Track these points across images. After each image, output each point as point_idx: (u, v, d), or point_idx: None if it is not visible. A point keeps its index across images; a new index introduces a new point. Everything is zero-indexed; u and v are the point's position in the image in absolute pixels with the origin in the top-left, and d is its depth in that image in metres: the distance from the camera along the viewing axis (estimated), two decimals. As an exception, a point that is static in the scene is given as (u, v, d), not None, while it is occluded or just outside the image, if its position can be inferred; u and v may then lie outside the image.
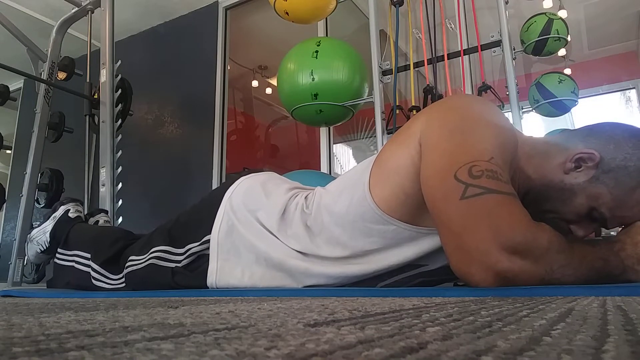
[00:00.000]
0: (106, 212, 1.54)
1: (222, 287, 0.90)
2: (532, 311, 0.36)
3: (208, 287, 0.92)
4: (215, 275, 0.91)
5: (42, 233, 1.33)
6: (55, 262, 1.22)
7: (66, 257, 1.19)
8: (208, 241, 0.93)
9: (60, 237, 1.24)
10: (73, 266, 1.15)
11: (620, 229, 0.73)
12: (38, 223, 1.40)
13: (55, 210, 1.34)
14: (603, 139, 0.74)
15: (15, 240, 2.13)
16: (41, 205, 2.29)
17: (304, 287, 0.85)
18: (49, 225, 1.32)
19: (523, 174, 0.78)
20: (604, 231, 0.82)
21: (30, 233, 1.39)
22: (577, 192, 0.73)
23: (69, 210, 1.32)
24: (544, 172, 0.76)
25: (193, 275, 0.94)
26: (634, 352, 0.19)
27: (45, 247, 1.30)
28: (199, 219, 0.98)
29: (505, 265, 0.61)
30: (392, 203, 0.79)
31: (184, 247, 0.96)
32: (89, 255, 1.11)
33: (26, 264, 2.14)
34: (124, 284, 1.05)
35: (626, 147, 0.71)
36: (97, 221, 1.45)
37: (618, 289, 0.58)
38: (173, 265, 0.96)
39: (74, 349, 0.18)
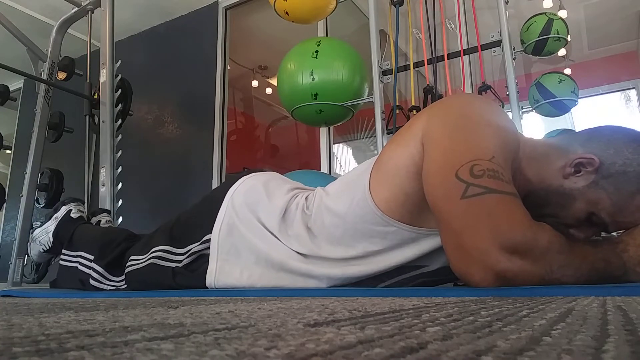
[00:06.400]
0: (108, 212, 1.54)
1: (221, 287, 0.90)
2: (532, 311, 0.36)
3: (207, 288, 0.92)
4: (214, 275, 0.90)
5: (44, 233, 1.33)
6: (60, 263, 1.22)
7: (70, 258, 1.19)
8: (209, 241, 0.93)
9: (64, 237, 1.24)
10: (77, 267, 1.15)
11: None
12: (39, 223, 1.41)
13: (57, 211, 1.34)
14: (603, 143, 0.73)
15: (15, 240, 2.13)
16: (41, 205, 2.28)
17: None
18: (51, 225, 1.32)
19: (523, 177, 0.77)
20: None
21: (32, 233, 1.39)
22: (576, 197, 0.72)
23: (70, 210, 1.32)
24: (543, 175, 0.76)
25: (193, 276, 0.94)
26: (634, 352, 0.19)
27: (48, 247, 1.31)
28: (200, 218, 0.98)
29: (505, 265, 0.61)
30: (392, 204, 0.78)
31: (185, 248, 0.96)
32: (92, 257, 1.11)
33: (26, 263, 2.14)
34: (124, 285, 1.05)
35: (626, 152, 0.71)
36: (100, 221, 1.45)
37: (618, 289, 0.57)
38: (174, 265, 0.96)
39: (74, 349, 0.18)
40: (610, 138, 0.74)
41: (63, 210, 1.33)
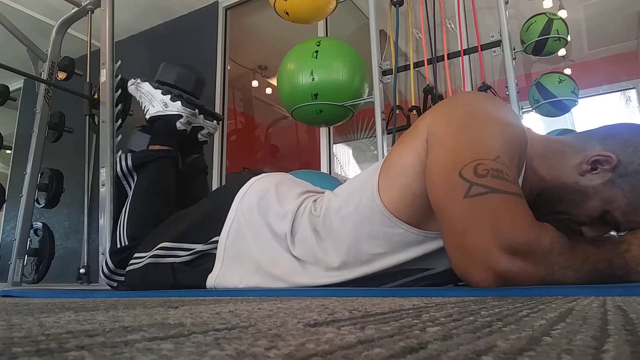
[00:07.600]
0: (220, 118, 1.46)
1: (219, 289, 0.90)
2: (532, 311, 0.36)
3: (206, 287, 0.91)
4: (215, 279, 0.90)
5: (148, 100, 1.28)
6: (117, 173, 1.22)
7: (129, 180, 1.16)
8: (215, 242, 0.92)
9: (155, 136, 1.23)
10: (127, 196, 1.14)
11: None
12: (143, 80, 1.32)
13: (172, 99, 1.27)
14: (621, 141, 0.73)
15: (15, 240, 2.12)
16: (41, 205, 2.28)
17: None
18: (157, 104, 1.26)
19: (536, 174, 0.76)
20: None
21: (140, 81, 1.33)
22: (591, 195, 0.72)
23: (180, 117, 1.26)
24: (558, 173, 0.75)
25: (193, 272, 0.93)
26: (634, 352, 0.19)
27: (143, 110, 1.28)
28: (208, 219, 0.96)
29: (506, 265, 0.61)
30: (399, 205, 0.78)
31: (190, 245, 0.95)
32: (125, 228, 1.09)
33: (26, 263, 2.13)
34: (124, 284, 1.05)
35: None
36: (200, 129, 1.38)
37: (618, 289, 0.57)
38: (172, 260, 0.95)
39: (74, 349, 0.18)
40: (629, 136, 0.73)
41: (175, 107, 1.26)
